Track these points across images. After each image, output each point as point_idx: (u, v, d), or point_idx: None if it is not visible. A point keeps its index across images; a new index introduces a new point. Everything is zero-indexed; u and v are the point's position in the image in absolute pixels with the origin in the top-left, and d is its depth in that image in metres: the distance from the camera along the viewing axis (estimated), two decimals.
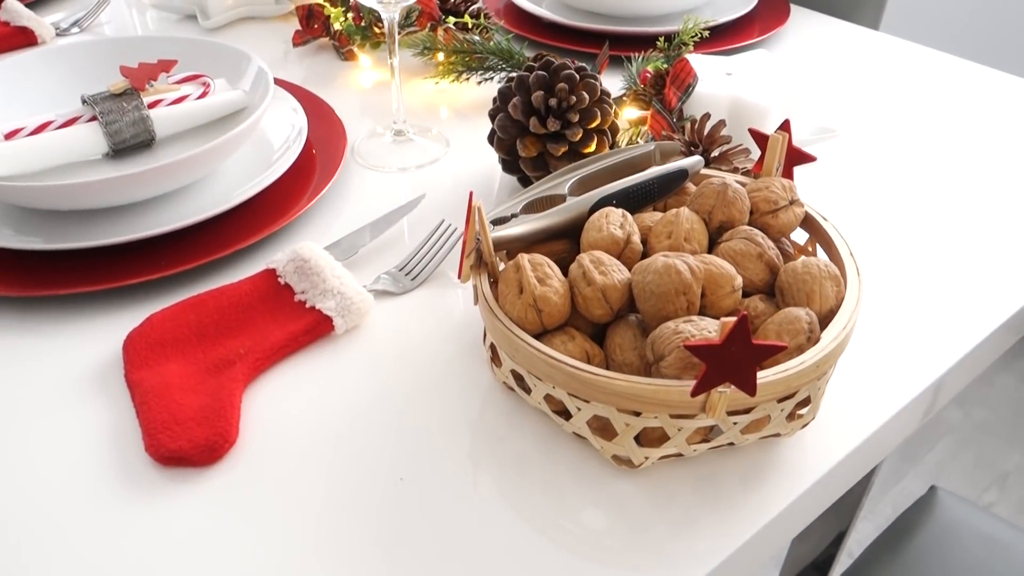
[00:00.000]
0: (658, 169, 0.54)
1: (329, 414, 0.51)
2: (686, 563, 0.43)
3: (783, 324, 0.44)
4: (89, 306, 0.59)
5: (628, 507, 0.46)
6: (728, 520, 0.45)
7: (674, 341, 0.42)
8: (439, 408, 0.52)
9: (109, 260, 0.61)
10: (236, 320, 0.56)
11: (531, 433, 0.50)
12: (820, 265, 0.47)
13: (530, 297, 0.46)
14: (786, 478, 0.47)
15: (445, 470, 0.48)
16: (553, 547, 0.44)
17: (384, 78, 0.90)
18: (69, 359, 0.55)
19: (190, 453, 0.47)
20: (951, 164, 0.76)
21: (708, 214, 0.51)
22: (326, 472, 0.48)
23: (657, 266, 0.45)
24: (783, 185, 0.53)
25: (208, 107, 0.72)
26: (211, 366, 0.53)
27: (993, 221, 0.68)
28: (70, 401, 0.52)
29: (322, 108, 0.79)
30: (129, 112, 0.68)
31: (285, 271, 0.58)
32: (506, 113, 0.64)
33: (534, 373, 0.45)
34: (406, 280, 0.61)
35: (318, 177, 0.70)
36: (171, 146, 0.72)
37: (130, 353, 0.53)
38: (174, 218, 0.63)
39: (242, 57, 0.73)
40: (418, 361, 0.55)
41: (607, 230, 0.49)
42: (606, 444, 0.46)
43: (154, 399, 0.50)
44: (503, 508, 0.46)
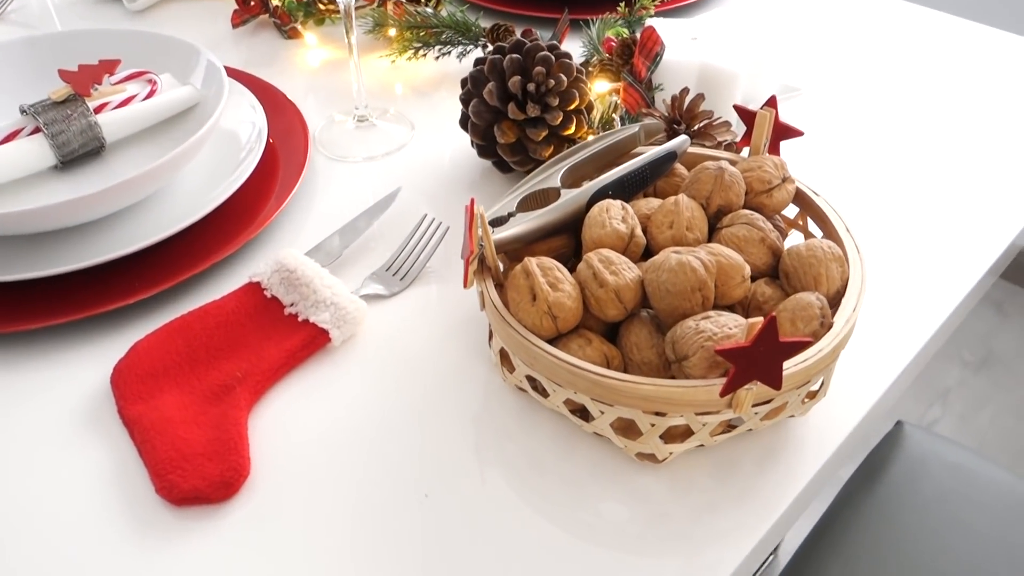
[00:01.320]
0: (649, 154, 0.54)
1: (339, 431, 0.50)
2: (714, 549, 0.44)
3: (796, 311, 0.45)
4: (61, 339, 0.56)
5: (650, 499, 0.46)
6: (750, 504, 0.46)
7: (697, 341, 0.42)
8: (450, 414, 0.51)
9: (74, 286, 0.58)
10: (227, 341, 0.54)
11: (545, 432, 0.50)
12: (824, 247, 0.48)
13: (544, 304, 0.45)
14: (800, 456, 0.49)
15: (466, 479, 0.47)
16: (579, 542, 0.44)
17: (333, 56, 0.86)
18: (52, 399, 0.52)
19: (205, 491, 0.46)
20: (917, 116, 0.77)
21: (706, 199, 0.51)
22: (346, 493, 0.47)
23: (671, 264, 0.44)
24: (775, 163, 0.53)
25: (158, 107, 0.68)
26: (209, 393, 0.51)
27: (962, 171, 0.70)
28: (63, 444, 0.50)
29: (276, 97, 0.76)
30: (75, 120, 0.64)
31: (270, 283, 0.56)
32: (480, 98, 0.62)
33: (554, 380, 0.45)
34: (395, 281, 0.59)
35: (283, 175, 0.68)
36: (122, 151, 0.68)
37: (120, 387, 0.51)
38: (138, 234, 0.60)
39: (190, 51, 0.68)
40: (421, 366, 0.54)
41: (610, 225, 0.49)
42: (630, 443, 0.46)
43: (157, 436, 0.48)
44: (527, 510, 0.46)
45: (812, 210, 0.54)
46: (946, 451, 0.89)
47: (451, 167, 0.71)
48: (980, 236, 0.64)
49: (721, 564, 0.44)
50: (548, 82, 0.60)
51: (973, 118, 0.77)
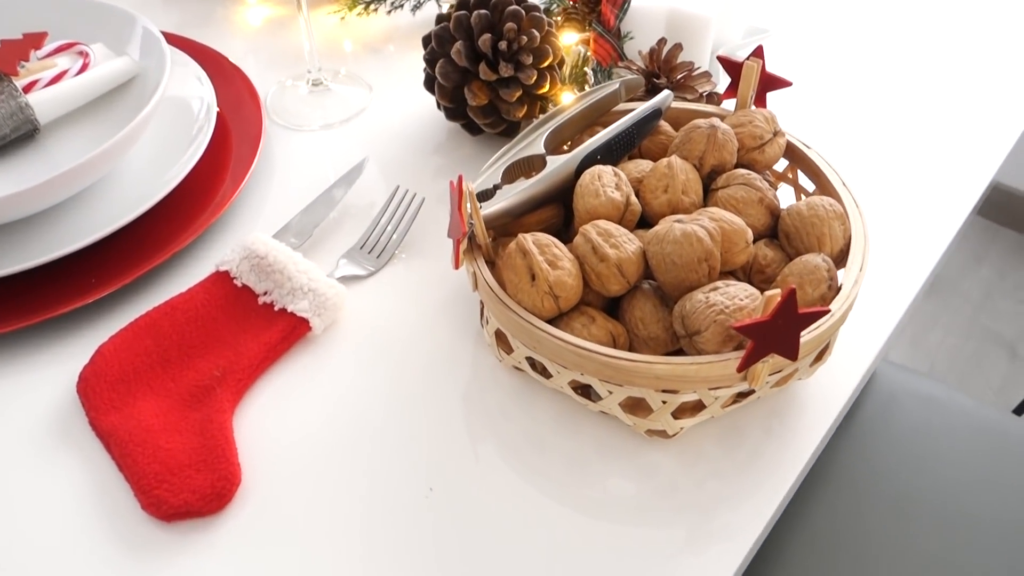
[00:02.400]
0: (634, 113, 0.51)
1: (329, 427, 0.48)
2: (730, 517, 0.43)
3: (804, 275, 0.44)
4: (15, 348, 0.52)
5: (660, 472, 0.45)
6: (763, 470, 0.45)
7: (709, 315, 0.40)
8: (445, 400, 0.49)
9: (22, 288, 0.53)
10: (200, 338, 0.50)
11: (546, 412, 0.48)
12: (825, 205, 0.46)
13: (545, 285, 0.43)
14: (806, 418, 0.48)
15: (468, 467, 0.46)
16: (591, 519, 0.43)
17: (276, 14, 0.81)
18: (12, 414, 0.48)
19: (196, 505, 0.43)
20: (887, 55, 0.76)
21: (699, 160, 0.49)
22: (345, 493, 0.45)
23: (676, 235, 0.42)
24: (765, 117, 0.51)
25: (93, 82, 0.62)
26: (187, 396, 0.48)
27: (935, 110, 0.69)
28: (30, 463, 0.46)
29: (220, 63, 0.70)
30: (4, 103, 0.58)
31: (240, 271, 0.53)
32: (448, 59, 0.59)
33: (559, 362, 0.43)
34: (371, 259, 0.56)
35: (237, 150, 0.63)
36: (58, 133, 0.62)
37: (90, 397, 0.47)
38: (87, 226, 0.55)
39: (124, 18, 0.63)
40: (409, 350, 0.51)
41: (605, 194, 0.46)
42: (639, 421, 0.45)
43: (137, 448, 0.45)
44: (534, 493, 0.44)
45: (804, 164, 0.52)
46: (918, 384, 0.91)
47: (416, 131, 0.67)
48: (961, 176, 0.63)
49: (741, 532, 0.43)
50: (520, 39, 0.56)
51: (944, 53, 0.76)
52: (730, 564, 0.42)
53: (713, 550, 0.42)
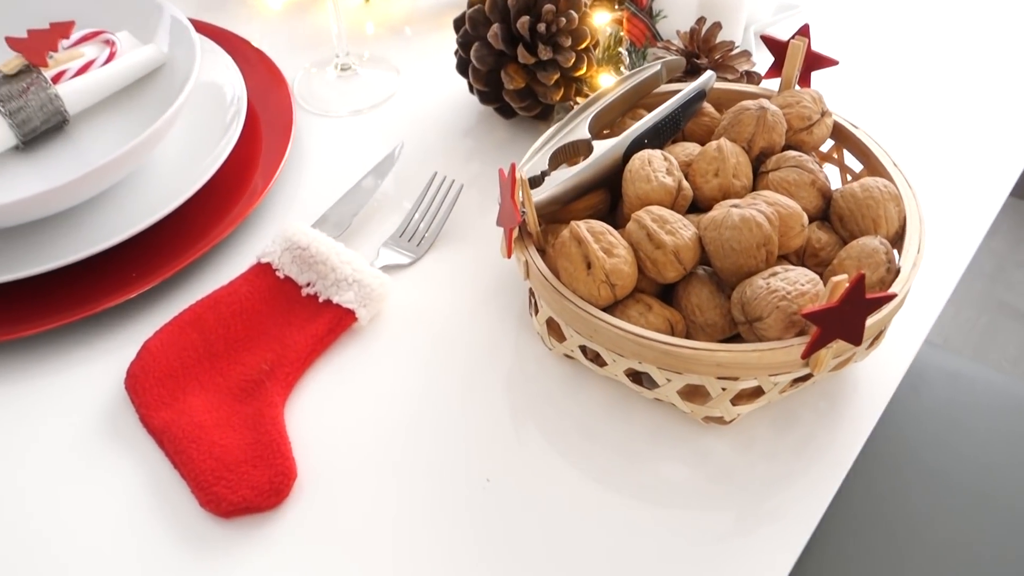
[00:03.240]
0: (679, 95, 0.50)
1: (379, 418, 0.47)
2: (789, 505, 0.43)
3: (862, 259, 0.43)
4: (58, 346, 0.51)
5: (714, 458, 0.45)
6: (820, 454, 0.45)
7: (771, 302, 0.40)
8: (494, 389, 0.48)
9: (62, 285, 0.53)
10: (245, 331, 0.50)
11: (597, 400, 0.48)
12: (880, 187, 0.46)
13: (601, 273, 0.42)
14: (858, 401, 0.48)
15: (521, 457, 0.45)
16: (648, 506, 0.43)
17: None
18: (60, 413, 0.48)
19: (255, 501, 0.43)
20: (920, 29, 0.75)
21: (748, 142, 0.48)
22: (401, 484, 0.44)
23: (734, 220, 0.42)
24: (812, 97, 0.50)
25: (122, 72, 0.61)
26: (237, 391, 0.47)
27: (968, 85, 0.69)
28: (83, 461, 0.46)
29: (243, 48, 0.69)
30: (34, 94, 0.57)
31: (282, 263, 0.52)
32: (483, 42, 0.58)
33: (616, 351, 0.43)
34: (411, 247, 0.56)
35: (267, 138, 0.62)
36: (86, 123, 0.61)
37: (140, 394, 0.47)
38: (123, 219, 0.54)
39: (150, 6, 0.61)
40: (454, 339, 0.51)
41: (656, 179, 0.46)
42: (697, 408, 0.44)
43: (192, 445, 0.44)
44: (587, 481, 0.44)
45: (851, 144, 0.51)
46: (944, 360, 0.91)
47: (447, 115, 0.66)
48: (1000, 154, 0.62)
49: (802, 515, 0.43)
50: (559, 20, 0.55)
51: (978, 30, 0.75)
52: (794, 546, 0.42)
53: (774, 532, 0.42)
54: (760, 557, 0.41)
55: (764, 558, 0.41)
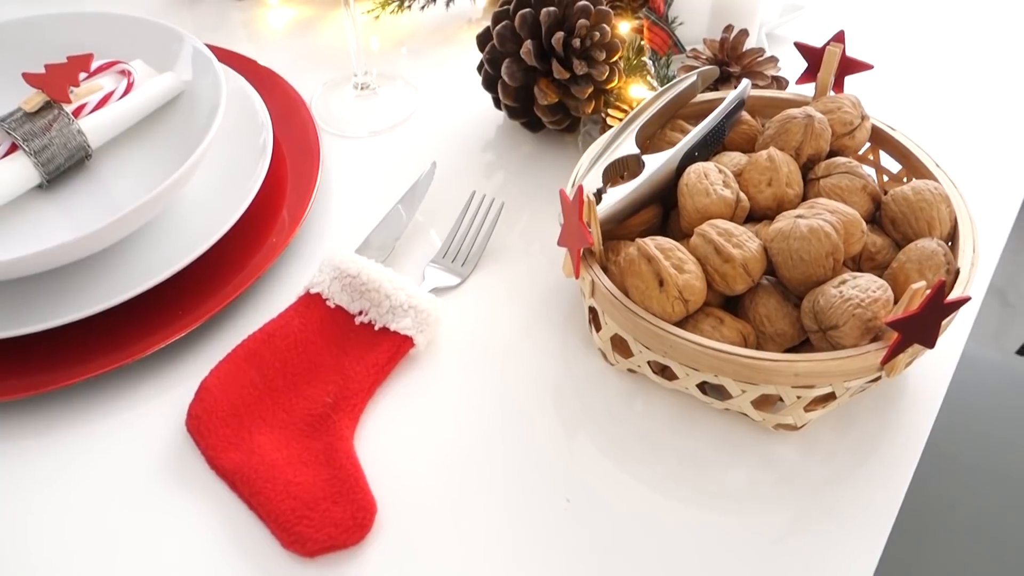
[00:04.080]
0: (724, 106, 0.51)
1: (447, 443, 0.47)
2: (862, 498, 0.44)
3: (922, 261, 0.44)
4: (110, 391, 0.50)
5: (782, 463, 0.46)
6: (883, 451, 0.46)
7: (846, 310, 0.41)
8: (558, 408, 0.49)
9: (106, 328, 0.51)
10: (303, 364, 0.49)
11: (660, 412, 0.48)
12: (931, 189, 0.47)
13: (674, 290, 0.43)
14: (910, 397, 0.49)
15: (593, 474, 0.46)
16: (719, 515, 0.43)
17: (301, 15, 0.78)
18: (122, 459, 0.47)
19: (340, 538, 0.42)
20: (929, 27, 0.77)
21: (795, 150, 0.49)
22: (477, 507, 0.44)
23: (803, 231, 0.42)
24: (852, 102, 0.51)
25: (141, 104, 0.60)
26: (304, 426, 0.47)
27: (989, 81, 0.70)
28: (153, 507, 0.45)
29: (257, 71, 0.68)
30: (58, 132, 0.55)
31: (331, 292, 0.51)
32: (515, 58, 0.58)
33: (692, 366, 0.43)
34: (456, 267, 0.56)
35: (293, 162, 0.61)
36: (106, 157, 0.60)
37: (204, 436, 0.46)
38: (159, 258, 0.53)
39: (170, 36, 0.60)
40: (512, 358, 0.51)
41: (716, 193, 0.46)
42: (769, 416, 0.45)
43: (267, 485, 0.44)
44: (654, 494, 0.44)
45: (890, 146, 0.52)
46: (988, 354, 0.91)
47: (471, 131, 0.66)
48: (1014, 152, 0.64)
49: (880, 511, 0.44)
50: (593, 35, 0.56)
51: (983, 24, 0.77)
52: (875, 544, 0.43)
53: (853, 532, 0.43)
54: (843, 557, 0.42)
55: (848, 557, 0.42)
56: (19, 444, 0.48)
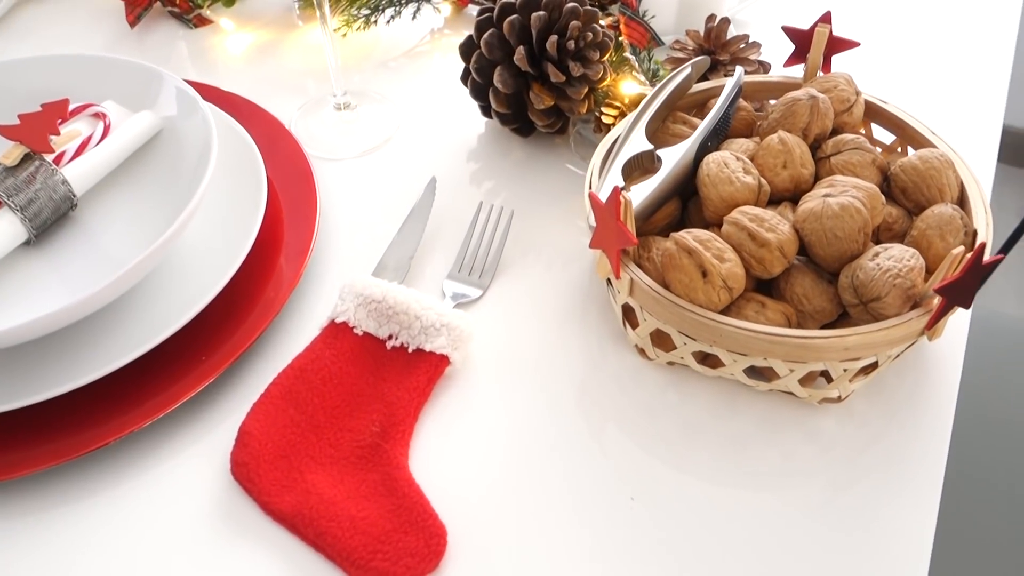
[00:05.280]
0: (726, 94, 0.52)
1: (500, 457, 0.47)
2: (907, 461, 0.46)
3: (943, 227, 0.46)
4: (145, 444, 0.48)
5: (823, 436, 0.47)
6: (916, 413, 0.48)
7: (887, 281, 0.42)
8: (601, 407, 0.49)
9: (123, 383, 0.49)
10: (341, 396, 0.48)
11: (699, 402, 0.49)
12: (937, 156, 0.49)
13: (718, 279, 0.43)
14: (932, 359, 0.51)
15: (652, 468, 0.46)
16: (775, 491, 0.44)
17: (261, 39, 0.76)
18: (170, 508, 0.45)
19: (417, 568, 0.41)
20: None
21: (803, 131, 0.51)
22: (546, 517, 0.44)
23: (835, 210, 0.44)
24: (846, 80, 0.53)
25: (122, 147, 0.57)
26: (355, 459, 0.46)
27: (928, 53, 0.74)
28: (210, 561, 0.43)
29: (235, 101, 0.66)
30: (42, 184, 0.53)
31: (358, 319, 0.50)
32: (506, 65, 0.57)
33: (741, 351, 0.44)
34: (475, 280, 0.55)
35: (286, 192, 0.60)
36: (91, 205, 0.57)
37: (256, 481, 0.45)
38: (172, 306, 0.50)
39: (149, 75, 0.58)
40: (547, 363, 0.51)
41: (739, 180, 0.47)
42: (814, 392, 0.46)
43: (332, 524, 0.43)
44: (707, 478, 0.45)
45: (883, 118, 0.54)
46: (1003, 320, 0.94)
47: (460, 141, 0.66)
48: (974, 112, 0.67)
49: (928, 473, 0.45)
50: (585, 35, 0.56)
51: None
52: (930, 504, 0.44)
53: (908, 494, 0.45)
54: (904, 510, 0.44)
55: (908, 511, 0.44)
56: (59, 511, 0.45)
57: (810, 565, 0.42)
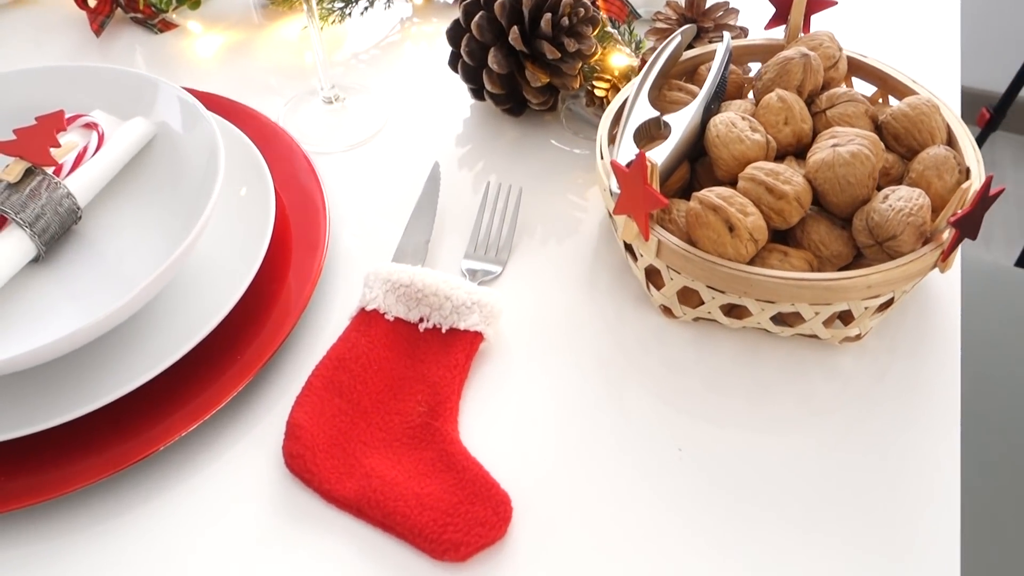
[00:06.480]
0: (720, 59, 0.54)
1: (546, 422, 0.48)
2: (930, 393, 0.49)
3: (939, 167, 0.49)
4: (190, 448, 0.48)
5: (843, 372, 0.50)
6: (925, 342, 0.51)
7: (901, 219, 0.45)
8: (633, 368, 0.51)
9: (154, 392, 0.49)
10: (383, 382, 0.49)
11: (723, 353, 0.51)
12: (923, 102, 0.52)
13: (745, 232, 0.45)
14: (931, 292, 0.54)
15: (692, 419, 0.48)
16: (809, 431, 0.47)
17: (230, 39, 0.75)
18: (231, 513, 0.45)
19: (488, 535, 0.43)
20: None
21: (797, 89, 0.53)
22: (599, 475, 0.46)
23: (846, 158, 0.46)
24: (828, 37, 0.56)
25: (120, 156, 0.56)
26: (406, 440, 0.47)
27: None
28: (280, 553, 0.43)
29: (224, 103, 0.65)
30: (47, 198, 0.52)
31: (387, 305, 0.51)
32: (500, 46, 0.58)
33: (770, 299, 0.46)
34: (492, 257, 0.56)
35: (288, 189, 0.60)
36: (92, 217, 0.56)
37: (314, 471, 0.45)
38: (199, 308, 0.50)
39: (143, 83, 0.57)
40: (574, 329, 0.53)
41: (749, 138, 0.49)
42: (836, 332, 0.49)
43: (399, 504, 0.43)
44: (739, 425, 0.48)
45: (864, 72, 0.57)
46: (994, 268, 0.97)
47: (451, 125, 0.66)
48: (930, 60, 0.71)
49: (946, 398, 0.49)
50: (577, 11, 0.57)
51: None
52: (951, 425, 0.48)
53: (931, 420, 0.48)
54: (930, 433, 0.47)
55: (934, 433, 0.47)
56: (114, 522, 0.45)
57: (851, 491, 0.45)
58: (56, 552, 0.44)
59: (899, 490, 0.45)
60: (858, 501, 0.45)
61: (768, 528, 0.44)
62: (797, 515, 0.44)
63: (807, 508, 0.45)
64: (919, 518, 0.44)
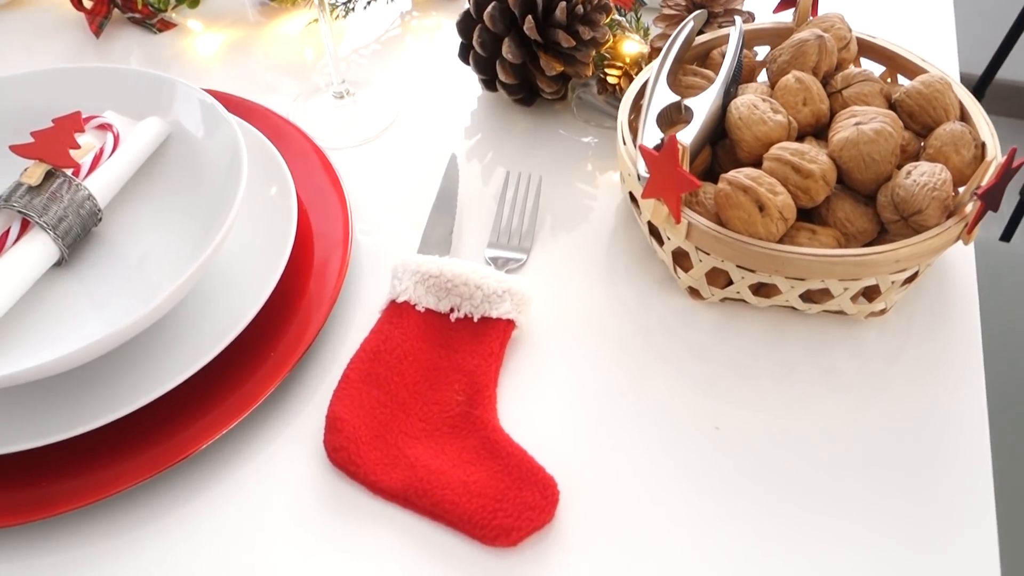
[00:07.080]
0: (733, 44, 0.55)
1: (583, 406, 0.49)
2: (956, 362, 0.50)
3: (956, 142, 0.50)
4: (229, 446, 0.48)
5: (867, 349, 0.51)
6: (946, 314, 0.52)
7: (926, 194, 0.46)
8: (661, 351, 0.51)
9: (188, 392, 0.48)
10: (419, 373, 0.49)
11: (750, 334, 0.52)
12: (937, 80, 0.53)
13: (775, 211, 0.46)
14: (948, 267, 0.55)
15: (724, 398, 0.49)
16: (838, 406, 0.48)
17: (231, 37, 0.75)
18: (277, 507, 0.45)
19: (537, 519, 0.43)
20: None
21: (813, 70, 0.54)
22: (639, 454, 0.47)
23: (870, 135, 0.47)
24: (839, 19, 0.57)
25: (137, 156, 0.55)
26: (447, 429, 0.47)
27: None
28: (331, 546, 0.44)
29: (236, 102, 0.65)
30: (69, 202, 0.51)
31: (418, 297, 0.51)
32: (514, 36, 0.59)
33: (801, 276, 0.47)
34: (515, 245, 0.57)
35: (307, 187, 0.59)
36: (113, 219, 0.55)
37: (359, 464, 0.45)
38: (226, 309, 0.50)
39: (160, 84, 0.56)
40: (601, 314, 0.53)
41: (772, 119, 0.50)
42: (863, 307, 0.50)
43: (447, 492, 0.44)
44: (770, 400, 0.49)
45: (873, 52, 0.58)
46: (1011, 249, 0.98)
47: (462, 117, 0.66)
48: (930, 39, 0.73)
49: (971, 367, 0.50)
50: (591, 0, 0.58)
51: None
52: (977, 392, 0.49)
53: (960, 387, 0.49)
54: (960, 400, 0.48)
55: (962, 399, 0.48)
56: (159, 524, 0.45)
57: (886, 454, 0.46)
58: (98, 556, 0.44)
59: (931, 462, 0.46)
60: (891, 476, 0.46)
61: (804, 508, 0.45)
62: (830, 491, 0.45)
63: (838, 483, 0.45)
64: (953, 488, 0.45)
